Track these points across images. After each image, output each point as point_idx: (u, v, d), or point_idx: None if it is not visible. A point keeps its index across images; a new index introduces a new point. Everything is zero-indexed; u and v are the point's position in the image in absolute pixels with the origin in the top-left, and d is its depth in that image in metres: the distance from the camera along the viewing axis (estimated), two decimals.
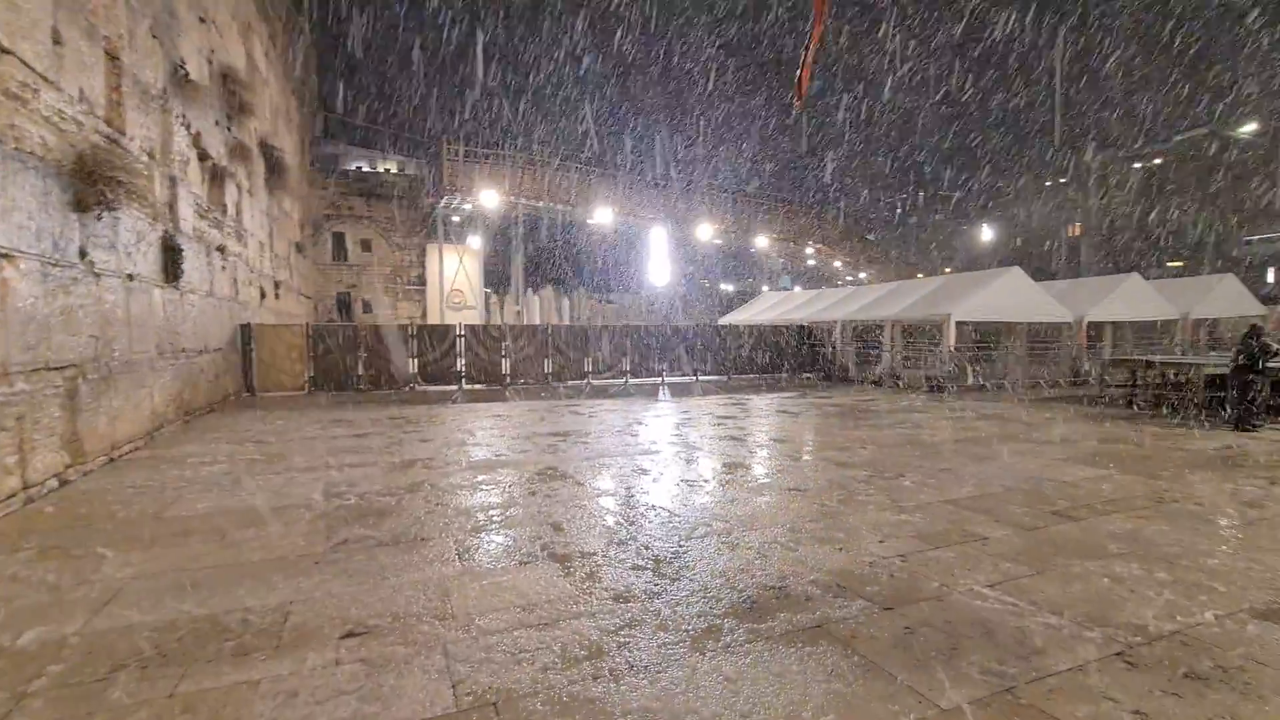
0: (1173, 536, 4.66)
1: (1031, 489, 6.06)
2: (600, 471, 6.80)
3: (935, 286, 17.34)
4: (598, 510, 5.33)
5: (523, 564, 4.08)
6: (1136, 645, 3.06)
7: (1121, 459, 7.42)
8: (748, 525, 4.90)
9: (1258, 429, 9.09)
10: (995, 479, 6.45)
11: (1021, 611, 3.42)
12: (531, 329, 16.85)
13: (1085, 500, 5.65)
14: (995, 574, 3.95)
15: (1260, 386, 9.10)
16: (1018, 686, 2.71)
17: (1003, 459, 7.46)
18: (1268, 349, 9.11)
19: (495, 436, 9.02)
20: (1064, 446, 8.20)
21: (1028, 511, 5.32)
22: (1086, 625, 3.26)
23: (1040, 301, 16.22)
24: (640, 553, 4.28)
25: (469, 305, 28.63)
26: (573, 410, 11.86)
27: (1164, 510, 5.35)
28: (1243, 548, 4.44)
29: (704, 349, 18.06)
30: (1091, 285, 18.46)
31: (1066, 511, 5.31)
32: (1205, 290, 19.38)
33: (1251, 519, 5.12)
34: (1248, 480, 6.40)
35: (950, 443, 8.59)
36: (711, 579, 3.84)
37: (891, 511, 5.31)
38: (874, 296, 19.03)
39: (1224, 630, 3.22)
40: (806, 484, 6.28)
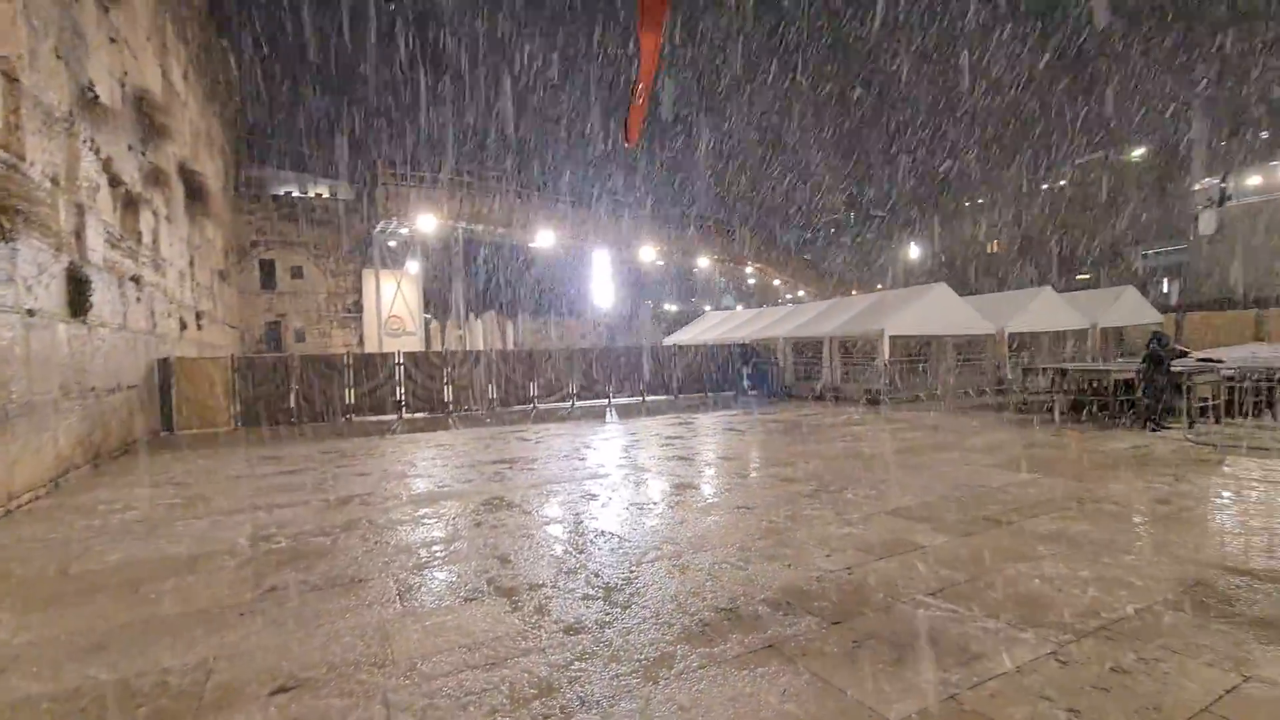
0: (1094, 536, 4.94)
1: (965, 496, 6.32)
2: (548, 499, 6.67)
3: (869, 303, 18.07)
4: (546, 539, 5.22)
5: (468, 601, 3.94)
6: (1067, 643, 3.20)
7: (1045, 463, 7.85)
8: (698, 547, 4.90)
9: (1163, 429, 9.81)
10: (932, 488, 6.70)
11: (962, 617, 3.53)
12: (474, 354, 16.53)
13: (1014, 504, 5.93)
14: (936, 581, 4.08)
15: (1164, 389, 9.84)
16: (961, 693, 2.78)
17: (938, 468, 7.76)
18: (1173, 352, 9.88)
19: (438, 467, 8.74)
20: (992, 453, 8.61)
21: (963, 518, 5.53)
22: (1021, 627, 3.39)
23: (965, 315, 17.12)
24: (590, 581, 4.21)
25: (408, 331, 27.87)
26: (519, 436, 11.65)
27: (1085, 511, 5.67)
28: (1156, 542, 4.74)
29: (651, 370, 18.15)
30: (1010, 298, 19.64)
31: (998, 516, 5.55)
32: (1109, 301, 20.93)
33: (1161, 514, 5.49)
34: (1157, 478, 6.87)
35: (889, 454, 8.89)
36: (663, 604, 3.80)
37: (837, 525, 5.42)
38: (812, 314, 19.64)
39: (1143, 623, 3.41)
40: (754, 502, 6.35)
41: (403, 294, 27.86)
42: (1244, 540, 4.76)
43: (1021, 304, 18.53)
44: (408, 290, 28.14)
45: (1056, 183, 63.11)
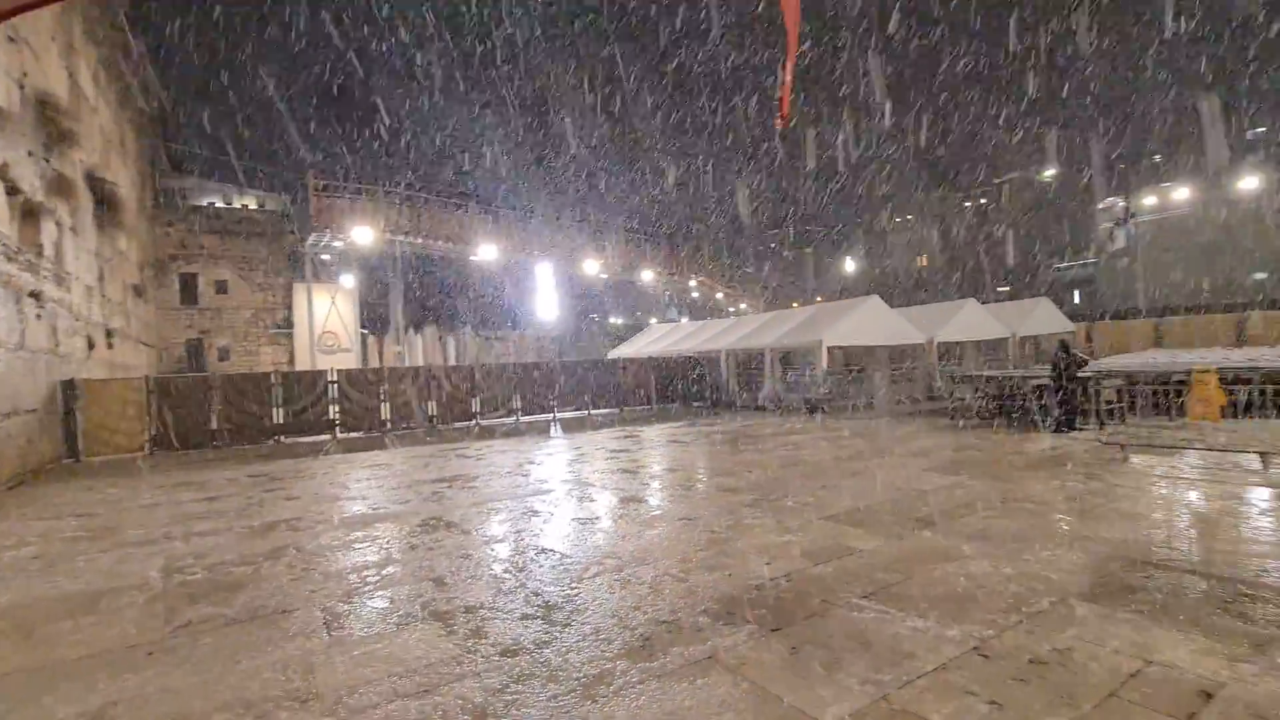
0: (1015, 533, 5.20)
1: (899, 499, 6.55)
2: (488, 517, 6.52)
3: (807, 315, 18.62)
4: (485, 559, 5.08)
5: (400, 627, 3.78)
6: (989, 639, 3.34)
7: (971, 465, 8.23)
8: (640, 560, 4.88)
9: (1074, 430, 10.47)
10: (868, 493, 6.91)
11: (893, 618, 3.64)
12: (414, 370, 16.07)
13: (943, 506, 6.18)
14: (870, 584, 4.19)
15: (1074, 394, 10.52)
16: (892, 692, 2.86)
17: (873, 473, 8.02)
18: (1076, 361, 10.59)
19: (373, 488, 8.41)
20: (923, 458, 8.97)
21: (896, 521, 5.73)
22: (948, 624, 3.52)
23: (897, 326, 17.87)
24: (530, 600, 4.12)
25: (344, 348, 26.85)
26: (459, 454, 11.36)
27: (1007, 510, 5.97)
28: (1070, 538, 5.03)
29: (596, 383, 18.09)
30: (938, 310, 20.63)
31: (928, 519, 5.77)
32: (1027, 312, 22.29)
33: (1075, 511, 5.84)
34: (1071, 477, 7.31)
35: (827, 461, 9.13)
36: (604, 620, 3.76)
37: (777, 533, 5.51)
38: (754, 326, 20.07)
39: (1058, 615, 3.60)
40: (697, 512, 6.39)
41: (337, 309, 26.85)
42: (1147, 533, 5.11)
43: (949, 315, 19.49)
44: (343, 305, 27.14)
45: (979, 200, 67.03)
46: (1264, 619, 3.44)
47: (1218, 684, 2.81)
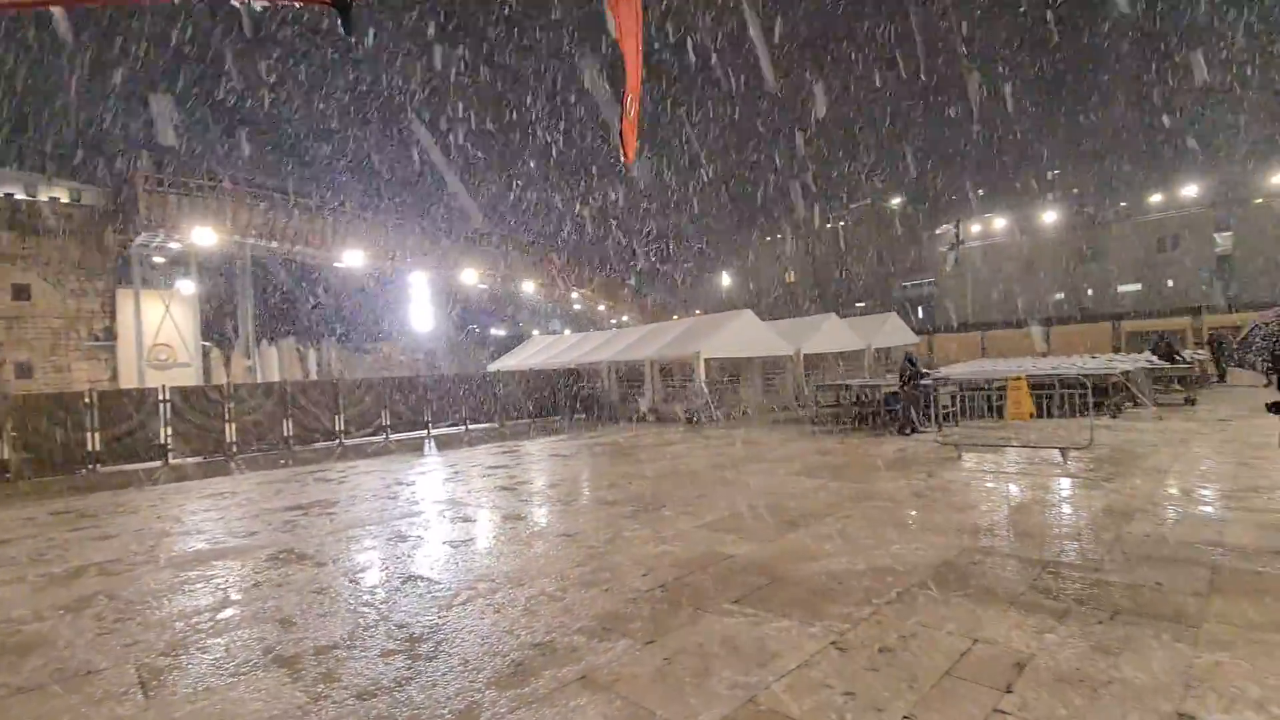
0: (868, 530, 5.63)
1: (769, 504, 6.87)
2: (349, 546, 6.01)
3: (685, 328, 19.22)
4: (342, 592, 4.67)
5: (236, 678, 3.35)
6: (846, 632, 3.57)
7: (832, 469, 8.85)
8: (516, 581, 4.71)
9: (916, 433, 11.62)
10: (741, 499, 7.19)
11: (761, 620, 3.78)
12: (266, 387, 14.59)
13: (808, 508, 6.57)
14: (741, 589, 4.34)
15: (916, 401, 11.70)
16: (759, 694, 2.95)
17: (746, 480, 8.38)
18: (919, 371, 11.80)
19: (212, 520, 7.48)
20: (791, 463, 9.52)
21: (765, 525, 6.00)
22: (809, 622, 3.72)
23: (768, 338, 18.94)
24: (392, 634, 3.82)
25: (180, 362, 23.86)
26: (319, 477, 10.44)
27: (862, 508, 6.46)
28: (914, 532, 5.54)
29: (474, 397, 17.45)
30: (804, 323, 22.14)
31: (794, 521, 6.11)
32: (879, 325, 24.55)
33: (919, 506, 6.44)
34: (915, 476, 8.07)
35: (704, 470, 9.41)
36: (473, 648, 3.57)
37: (654, 544, 5.56)
38: (635, 338, 20.39)
39: (904, 604, 3.93)
40: (576, 528, 6.31)
41: (173, 318, 23.82)
42: (976, 523, 5.75)
43: (813, 328, 20.98)
44: (180, 314, 24.13)
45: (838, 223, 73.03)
46: (1064, 593, 3.96)
47: (1029, 655, 3.19)
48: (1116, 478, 7.23)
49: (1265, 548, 4.62)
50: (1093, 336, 31.45)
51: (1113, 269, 48.08)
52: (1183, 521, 5.43)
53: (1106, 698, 2.79)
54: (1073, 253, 50.05)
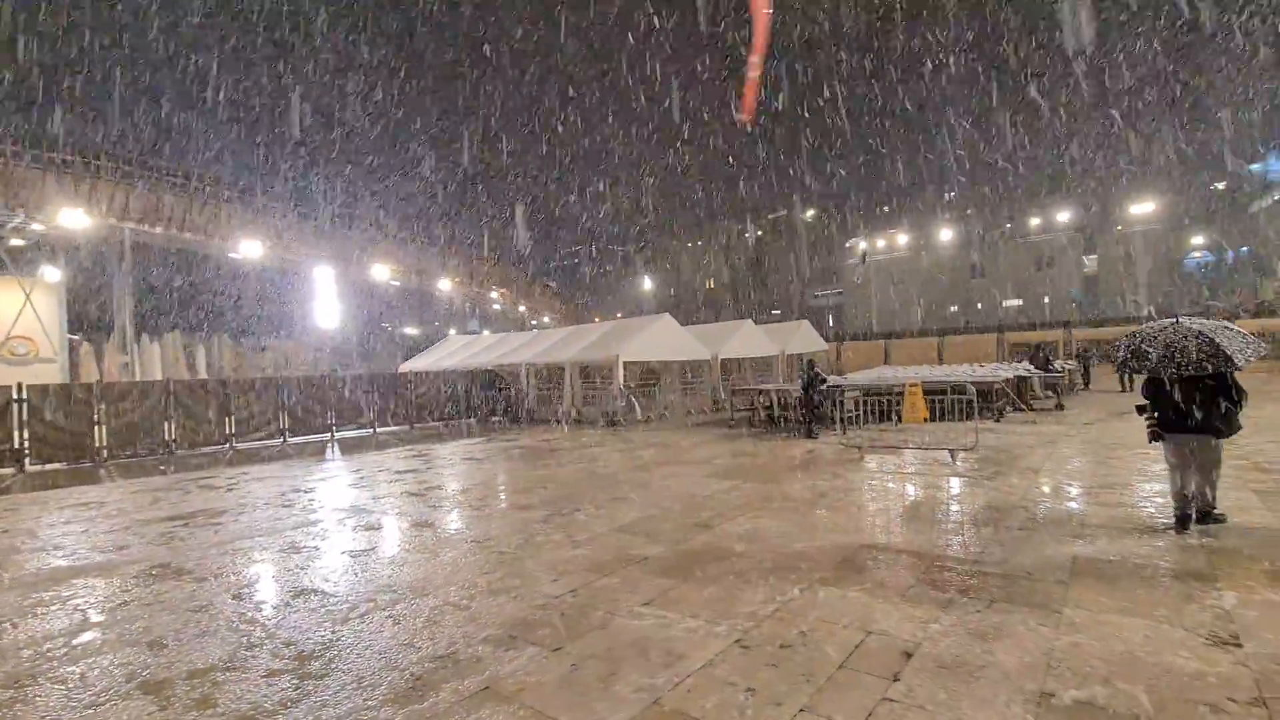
0: (776, 530, 5.83)
1: (684, 506, 6.97)
2: (236, 558, 5.57)
3: (605, 331, 19.23)
4: (223, 610, 4.31)
5: (91, 710, 3.01)
6: (750, 630, 3.66)
7: (744, 471, 9.10)
8: (420, 590, 4.52)
9: (818, 436, 12.15)
10: (656, 501, 7.25)
11: (669, 622, 3.82)
12: (144, 386, 13.30)
13: (720, 509, 6.72)
14: (651, 590, 4.36)
15: (817, 405, 12.21)
16: (664, 695, 2.97)
17: (662, 482, 8.47)
18: (819, 378, 12.36)
19: (75, 534, 6.71)
20: (706, 465, 9.71)
21: (678, 527, 6.08)
22: (716, 621, 3.79)
23: (687, 343, 19.26)
24: (279, 653, 3.56)
25: (43, 357, 21.34)
26: (205, 484, 9.62)
27: (771, 508, 6.68)
28: (818, 530, 5.77)
29: (383, 398, 16.67)
30: (721, 329, 22.69)
31: (707, 522, 6.22)
32: (792, 332, 25.54)
33: (824, 505, 6.73)
34: (820, 476, 8.43)
35: (621, 473, 9.43)
36: (370, 664, 3.38)
37: (566, 548, 5.51)
38: (554, 340, 20.17)
39: (806, 600, 4.08)
40: (487, 534, 6.14)
41: (33, 308, 21.26)
42: (874, 521, 6.07)
43: (730, 334, 21.53)
44: (42, 304, 21.57)
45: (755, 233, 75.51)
46: (949, 585, 4.25)
47: (916, 644, 3.39)
48: (997, 476, 7.86)
49: (1117, 538, 5.16)
50: (981, 346, 34.14)
51: (998, 285, 52.51)
52: (1051, 515, 5.97)
53: (981, 681, 3.01)
54: (965, 269, 54.26)
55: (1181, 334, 5.11)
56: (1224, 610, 3.69)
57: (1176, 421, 5.19)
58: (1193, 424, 5.10)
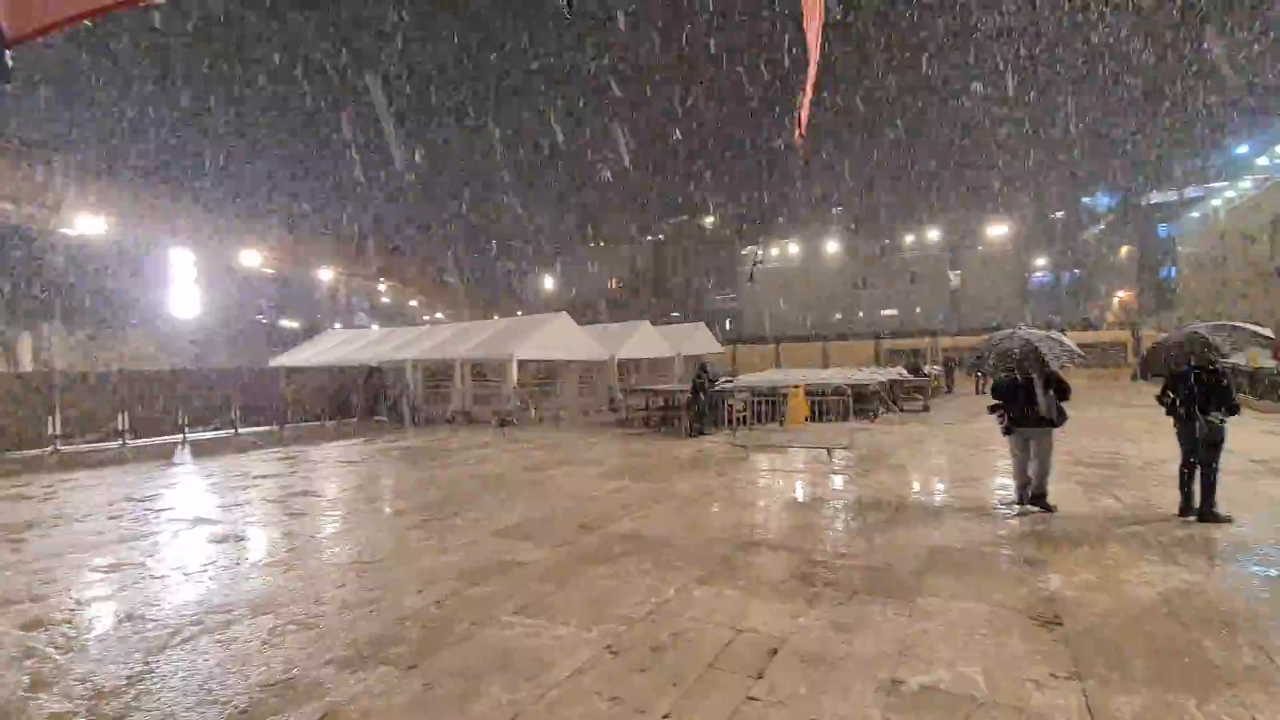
0: (660, 530, 5.80)
1: (571, 507, 6.80)
2: (34, 580, 4.75)
3: (499, 328, 18.67)
4: (3, 643, 3.63)
5: None
6: (622, 634, 3.57)
7: (635, 470, 9.08)
8: (261, 608, 4.05)
9: (704, 436, 12.42)
10: (543, 503, 7.03)
11: (540, 631, 3.64)
12: None
13: (607, 510, 6.62)
14: (525, 597, 4.16)
15: (707, 406, 12.49)
16: (525, 709, 2.79)
17: (552, 483, 8.25)
18: (710, 379, 12.68)
19: None
20: (597, 466, 9.60)
21: (563, 529, 5.90)
22: (588, 627, 3.66)
23: (584, 342, 19.12)
24: (71, 692, 3.03)
25: None
26: (15, 494, 8.25)
27: (658, 508, 6.67)
28: (701, 527, 5.81)
29: (248, 396, 15.17)
30: (619, 329, 22.75)
31: (592, 523, 6.09)
32: (689, 334, 26.10)
33: (707, 504, 6.81)
34: (707, 475, 8.56)
35: (509, 474, 9.11)
36: (185, 698, 2.94)
37: (438, 555, 5.18)
38: (445, 336, 19.32)
39: (681, 600, 4.05)
40: (350, 542, 5.66)
41: None
42: (755, 518, 6.21)
43: (628, 334, 21.63)
44: None
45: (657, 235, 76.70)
46: (817, 578, 4.39)
47: (782, 640, 3.44)
48: (869, 473, 8.34)
49: (966, 529, 5.58)
50: (861, 352, 36.62)
51: (878, 296, 56.67)
52: (912, 509, 6.39)
53: (840, 671, 3.08)
54: (849, 280, 58.08)
55: (1016, 341, 6.01)
56: (1050, 593, 4.05)
57: (1020, 417, 6.07)
58: (1033, 418, 5.98)
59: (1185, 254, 51.92)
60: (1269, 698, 2.75)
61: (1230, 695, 2.78)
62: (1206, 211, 48.84)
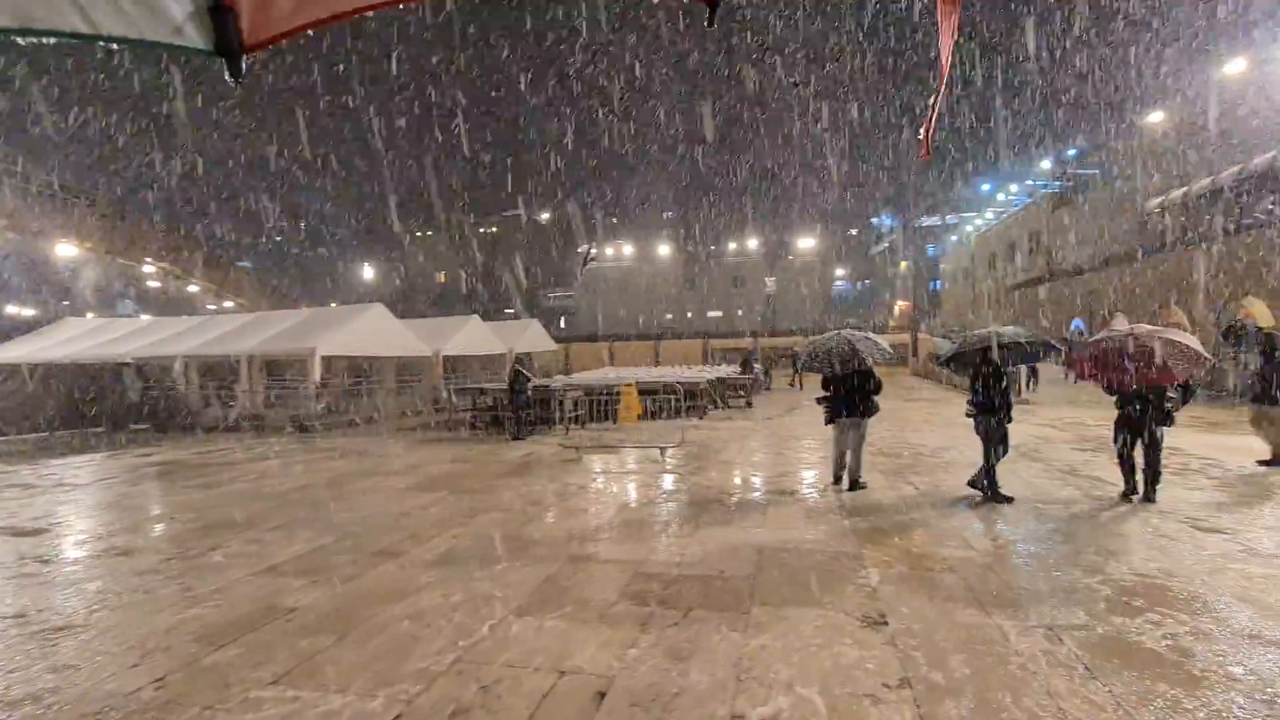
0: (477, 550, 5.08)
1: (369, 529, 5.79)
2: None
3: (299, 320, 16.27)
4: None
5: None
6: (417, 697, 2.85)
7: (454, 479, 8.17)
8: None
9: (535, 436, 11.81)
10: (335, 525, 5.92)
11: (303, 704, 2.80)
12: None
13: (415, 530, 5.72)
14: (290, 659, 3.25)
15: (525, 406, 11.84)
16: None
17: (352, 499, 7.08)
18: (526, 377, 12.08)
19: None
20: (410, 475, 8.52)
21: (354, 559, 4.94)
22: (372, 693, 2.89)
23: (403, 337, 17.37)
24: None
25: None
26: None
27: (476, 524, 5.92)
28: (524, 544, 5.19)
29: None
30: (445, 324, 21.12)
31: (395, 547, 5.19)
32: (521, 331, 25.14)
33: (533, 515, 6.20)
34: (536, 483, 7.94)
35: (300, 491, 7.72)
36: None
37: (180, 608, 3.99)
38: (229, 328, 16.40)
39: (495, 641, 3.42)
40: (40, 600, 4.20)
41: None
42: (585, 526, 5.73)
43: (454, 329, 20.15)
44: None
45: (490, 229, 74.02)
46: (650, 595, 4.01)
47: (610, 679, 2.97)
48: (699, 471, 8.31)
49: (791, 525, 5.62)
50: (691, 350, 38.27)
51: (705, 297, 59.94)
52: (742, 507, 6.35)
53: (675, 711, 2.69)
54: (679, 281, 60.70)
55: (838, 341, 6.68)
56: (871, 588, 4.07)
57: (840, 408, 6.71)
58: (851, 409, 6.65)
59: (946, 270, 61.90)
60: (1070, 683, 2.84)
61: (1039, 688, 2.83)
62: (960, 236, 58.63)
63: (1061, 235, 36.78)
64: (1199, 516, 5.45)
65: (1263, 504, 5.91)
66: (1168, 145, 28.26)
